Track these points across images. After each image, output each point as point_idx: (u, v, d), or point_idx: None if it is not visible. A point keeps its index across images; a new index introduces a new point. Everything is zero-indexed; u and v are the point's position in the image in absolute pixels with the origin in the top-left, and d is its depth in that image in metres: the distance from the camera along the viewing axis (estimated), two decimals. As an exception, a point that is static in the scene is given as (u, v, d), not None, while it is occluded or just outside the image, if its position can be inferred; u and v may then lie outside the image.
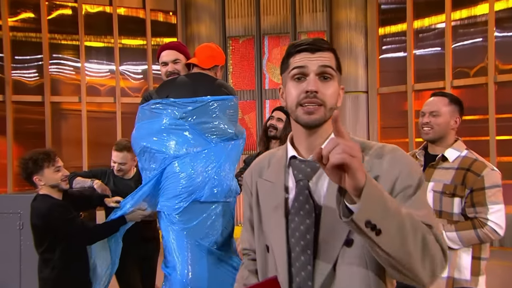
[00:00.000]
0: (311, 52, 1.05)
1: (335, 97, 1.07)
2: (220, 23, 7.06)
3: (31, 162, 2.36)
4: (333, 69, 1.06)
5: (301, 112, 1.05)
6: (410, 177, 0.99)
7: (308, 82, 1.03)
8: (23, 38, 6.35)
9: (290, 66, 1.08)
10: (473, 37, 6.01)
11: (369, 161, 1.03)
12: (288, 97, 1.08)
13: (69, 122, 6.67)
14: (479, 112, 5.95)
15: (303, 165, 1.09)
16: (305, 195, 1.05)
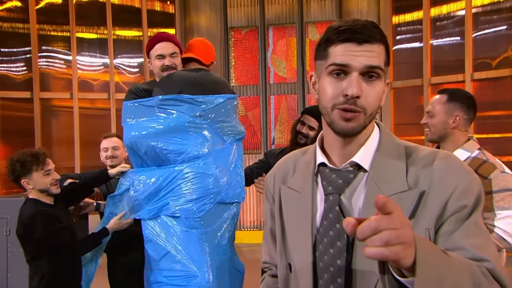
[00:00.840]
0: (358, 44, 0.89)
1: (379, 98, 0.94)
2: (221, 13, 6.85)
3: (19, 165, 2.29)
4: (381, 69, 0.91)
5: (338, 117, 0.92)
6: (467, 194, 0.88)
7: (350, 84, 0.89)
8: (10, 29, 6.17)
9: (329, 58, 0.92)
10: (496, 25, 5.72)
11: (415, 172, 0.91)
12: (323, 94, 0.95)
13: (60, 120, 6.49)
14: (502, 107, 5.73)
15: (334, 175, 0.98)
16: (336, 212, 0.94)
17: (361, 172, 0.95)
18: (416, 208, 0.88)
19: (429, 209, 0.88)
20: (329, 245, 0.94)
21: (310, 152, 1.08)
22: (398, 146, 0.97)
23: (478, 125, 5.74)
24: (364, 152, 0.96)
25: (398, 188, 0.90)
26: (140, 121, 2.17)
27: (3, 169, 6.20)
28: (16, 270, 3.15)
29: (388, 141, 0.98)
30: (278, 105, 6.88)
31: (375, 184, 0.92)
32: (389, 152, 0.96)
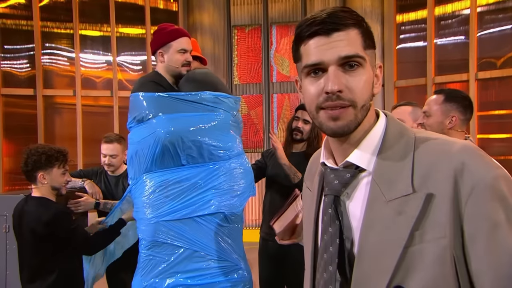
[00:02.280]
0: (326, 35, 0.82)
1: (369, 87, 0.84)
2: (224, 11, 6.81)
3: (44, 157, 2.28)
4: (359, 56, 0.82)
5: (325, 118, 0.84)
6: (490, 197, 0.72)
7: (327, 79, 0.81)
8: (13, 26, 6.13)
9: (302, 59, 0.86)
10: (501, 24, 5.65)
11: (424, 169, 0.79)
12: (306, 96, 0.88)
13: (63, 117, 6.46)
14: (506, 106, 5.67)
15: (332, 175, 0.90)
16: (329, 216, 0.88)
17: (363, 173, 0.86)
18: (422, 215, 0.76)
19: (441, 215, 0.75)
20: (323, 249, 0.88)
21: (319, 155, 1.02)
22: (406, 139, 0.84)
23: (482, 125, 5.70)
24: (362, 151, 0.86)
25: (402, 191, 0.79)
26: (180, 116, 2.08)
27: (6, 166, 6.23)
28: (15, 268, 2.97)
29: (395, 135, 0.86)
30: (280, 104, 6.85)
31: (378, 187, 0.82)
32: (394, 148, 0.84)
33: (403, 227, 0.77)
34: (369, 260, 0.80)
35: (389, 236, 0.78)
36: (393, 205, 0.79)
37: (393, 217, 0.79)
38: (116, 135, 3.03)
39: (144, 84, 2.19)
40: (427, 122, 2.08)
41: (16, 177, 6.11)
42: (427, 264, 0.75)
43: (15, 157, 6.13)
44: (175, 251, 2.02)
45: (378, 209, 0.80)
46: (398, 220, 0.78)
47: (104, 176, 3.03)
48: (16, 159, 6.13)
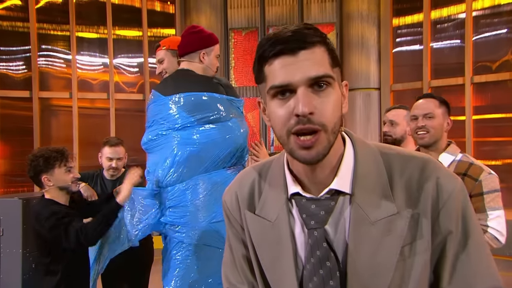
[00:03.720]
0: (292, 54, 0.78)
1: (338, 108, 0.81)
2: (221, 14, 6.80)
3: (42, 160, 2.27)
4: (328, 76, 0.78)
5: (296, 146, 0.79)
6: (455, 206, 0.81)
7: (297, 102, 0.77)
8: (9, 27, 6.13)
9: (267, 80, 0.81)
10: (496, 29, 5.70)
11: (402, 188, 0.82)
12: (274, 120, 0.82)
13: (59, 119, 6.45)
14: (502, 110, 5.69)
15: (314, 206, 0.84)
16: (324, 250, 0.83)
17: (341, 196, 0.84)
18: (409, 232, 0.79)
19: (423, 230, 0.80)
20: (320, 284, 0.84)
21: (276, 174, 0.92)
22: (375, 157, 0.85)
23: (477, 129, 5.72)
24: (342, 176, 0.84)
25: (387, 212, 0.80)
26: (238, 119, 2.16)
27: (2, 168, 6.20)
28: (9, 271, 3.03)
29: (365, 155, 0.86)
30: (277, 107, 6.85)
31: (361, 208, 0.81)
32: (368, 167, 0.84)
33: (393, 246, 0.79)
34: (361, 282, 0.80)
35: (379, 257, 0.79)
36: (379, 226, 0.80)
37: (381, 238, 0.79)
38: (118, 139, 3.03)
39: (208, 83, 2.18)
40: (431, 124, 2.03)
41: (12, 179, 6.09)
42: (415, 277, 0.79)
43: (11, 159, 6.10)
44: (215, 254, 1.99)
45: (364, 231, 0.80)
46: (387, 240, 0.79)
47: (101, 179, 3.02)
48: (12, 161, 6.11)
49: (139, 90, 6.57)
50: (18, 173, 6.10)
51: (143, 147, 2.21)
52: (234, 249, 0.99)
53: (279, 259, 0.87)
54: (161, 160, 2.07)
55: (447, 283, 0.81)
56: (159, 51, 2.43)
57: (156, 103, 2.14)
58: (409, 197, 0.81)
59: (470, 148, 5.66)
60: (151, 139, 2.13)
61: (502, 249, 5.67)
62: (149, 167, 2.17)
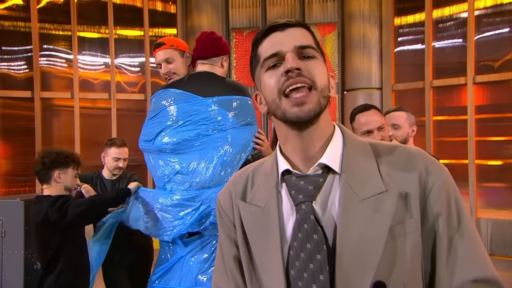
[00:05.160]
0: (281, 30, 0.87)
1: (325, 78, 0.86)
2: (223, 14, 6.80)
3: (62, 156, 2.37)
4: (313, 48, 0.86)
5: (289, 105, 0.83)
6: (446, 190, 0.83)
7: (285, 62, 0.84)
8: (11, 27, 6.13)
9: (260, 57, 0.88)
10: (498, 28, 5.68)
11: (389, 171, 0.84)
12: (267, 88, 0.87)
13: (61, 119, 6.44)
14: (504, 110, 5.69)
15: (303, 182, 0.86)
16: (311, 222, 0.83)
17: (330, 175, 0.86)
18: (397, 211, 0.80)
19: (412, 211, 0.82)
20: (307, 260, 0.82)
21: (269, 162, 0.95)
22: (363, 144, 0.89)
23: (479, 128, 5.70)
24: (331, 152, 0.86)
25: (376, 190, 0.82)
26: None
27: (3, 168, 6.21)
28: (11, 272, 3.07)
29: (353, 140, 0.90)
30: (279, 106, 6.85)
31: (350, 187, 0.83)
32: (357, 151, 0.87)
33: (382, 224, 0.80)
34: (351, 259, 0.80)
35: (369, 234, 0.79)
36: (368, 203, 0.81)
37: (370, 215, 0.80)
38: (121, 139, 3.11)
39: (244, 88, 2.31)
40: (384, 134, 2.14)
41: (14, 178, 6.10)
42: (406, 258, 0.80)
43: (12, 159, 6.11)
44: None
45: (354, 209, 0.81)
46: (376, 217, 0.80)
47: (100, 180, 3.05)
48: (13, 161, 6.12)
49: (140, 90, 6.56)
50: (20, 172, 6.11)
51: (167, 146, 2.14)
52: (225, 252, 0.99)
53: (267, 243, 0.88)
54: (204, 160, 2.07)
55: (444, 265, 0.82)
56: (166, 50, 2.35)
57: (191, 103, 2.13)
58: (397, 178, 0.83)
59: (472, 148, 5.64)
60: (187, 139, 2.09)
61: (502, 249, 5.73)
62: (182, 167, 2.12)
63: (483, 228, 5.51)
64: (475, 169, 5.63)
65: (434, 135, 5.97)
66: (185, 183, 2.09)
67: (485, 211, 5.66)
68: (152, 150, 2.21)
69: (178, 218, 2.10)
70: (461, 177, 5.60)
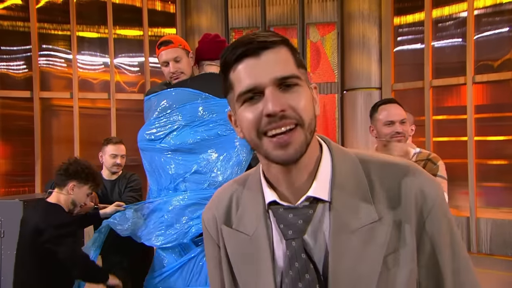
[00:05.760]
0: (256, 56, 0.75)
1: (311, 106, 0.77)
2: (222, 14, 6.78)
3: (87, 172, 2.37)
4: (295, 76, 0.75)
5: (271, 146, 0.75)
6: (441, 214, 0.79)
7: (266, 102, 0.73)
8: (10, 27, 6.09)
9: (234, 88, 0.78)
10: (498, 27, 5.66)
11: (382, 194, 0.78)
12: (243, 125, 0.78)
13: (60, 119, 6.42)
14: (503, 109, 5.67)
15: (291, 215, 0.80)
16: (303, 261, 0.78)
17: (320, 204, 0.80)
18: (392, 240, 0.76)
19: (408, 239, 0.76)
20: None
21: (253, 185, 0.88)
22: (353, 162, 0.82)
23: (479, 128, 5.70)
24: (320, 181, 0.80)
25: (368, 219, 0.77)
26: None
27: (3, 168, 6.19)
28: (10, 273, 3.03)
29: (343, 161, 0.82)
30: (278, 106, 6.83)
31: (341, 216, 0.77)
32: (347, 174, 0.80)
33: (375, 256, 0.75)
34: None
35: (362, 267, 0.75)
36: (360, 234, 0.76)
37: (362, 247, 0.76)
38: (117, 137, 3.12)
39: None
40: (406, 129, 2.18)
41: (13, 179, 6.08)
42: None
43: (12, 159, 6.09)
44: None
45: (345, 240, 0.76)
46: (369, 249, 0.76)
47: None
48: (13, 161, 6.10)
49: (140, 89, 6.55)
50: (19, 173, 6.10)
51: (184, 146, 2.12)
52: (212, 276, 0.95)
53: (257, 275, 0.82)
54: (223, 159, 2.08)
55: None
56: (175, 49, 2.32)
57: (209, 103, 2.14)
58: (390, 203, 0.77)
59: (471, 148, 5.63)
60: (205, 138, 2.10)
61: (502, 249, 5.72)
62: (201, 166, 2.12)
63: (483, 228, 5.51)
64: (475, 168, 5.62)
65: (433, 134, 5.96)
66: (203, 182, 2.09)
67: (484, 210, 5.65)
68: (157, 150, 2.19)
69: (194, 217, 2.09)
70: (461, 176, 5.60)
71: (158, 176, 2.23)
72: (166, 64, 2.28)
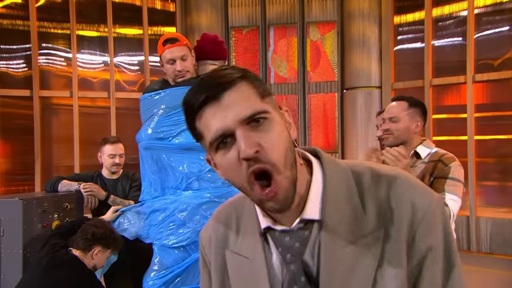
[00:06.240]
0: (217, 100, 0.74)
1: (284, 139, 0.76)
2: (222, 13, 6.78)
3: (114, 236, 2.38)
4: (261, 111, 0.74)
5: (263, 197, 0.75)
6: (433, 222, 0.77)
7: (239, 145, 0.72)
8: (10, 26, 6.08)
9: (203, 135, 0.77)
10: (498, 26, 5.67)
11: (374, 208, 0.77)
12: (228, 173, 0.77)
13: (60, 118, 6.42)
14: (503, 108, 5.69)
15: (288, 238, 0.81)
16: (302, 284, 0.78)
17: (315, 224, 0.80)
18: (383, 252, 0.75)
19: (399, 250, 0.75)
20: None
21: (250, 208, 0.87)
22: (345, 177, 0.81)
23: (479, 127, 5.70)
24: (311, 203, 0.79)
25: (359, 233, 0.76)
26: None
27: (2, 167, 6.19)
28: (9, 272, 2.99)
29: (335, 177, 0.81)
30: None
31: (332, 232, 0.77)
32: (339, 191, 0.80)
33: (366, 269, 0.75)
34: None
35: (353, 281, 0.75)
36: (351, 248, 0.76)
37: (354, 260, 0.76)
38: (115, 136, 3.13)
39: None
40: (395, 127, 2.15)
41: (13, 177, 6.08)
42: None
43: (11, 158, 6.10)
44: None
45: (336, 254, 0.76)
46: (360, 263, 0.75)
47: (101, 179, 3.05)
48: (12, 160, 6.10)
49: (139, 88, 6.54)
50: (19, 171, 6.10)
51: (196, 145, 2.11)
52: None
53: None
54: None
55: None
56: (182, 47, 2.31)
57: None
58: (381, 217, 0.77)
59: (471, 147, 5.63)
60: None
61: (502, 248, 5.74)
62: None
63: (483, 227, 5.51)
64: (475, 167, 5.62)
65: (433, 133, 5.95)
66: (217, 180, 2.08)
67: (484, 209, 5.66)
68: (167, 148, 2.16)
69: (208, 216, 2.08)
70: (461, 175, 5.61)
71: (165, 175, 2.20)
72: (172, 62, 2.25)
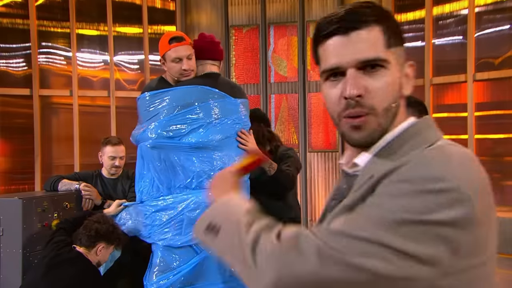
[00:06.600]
0: (343, 35, 0.76)
1: (393, 90, 0.78)
2: (222, 11, 6.77)
3: (117, 232, 2.39)
4: (381, 59, 0.76)
5: (347, 127, 0.80)
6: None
7: (346, 84, 0.76)
8: (9, 24, 6.07)
9: (321, 63, 0.82)
10: (499, 25, 5.64)
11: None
12: (327, 102, 0.83)
13: (60, 117, 6.42)
14: (504, 107, 5.66)
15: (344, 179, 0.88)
16: None
17: None
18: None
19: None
20: None
21: None
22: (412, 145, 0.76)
23: (480, 126, 5.69)
24: (368, 152, 0.81)
25: (363, 180, 0.76)
26: None
27: (2, 166, 6.18)
28: (9, 271, 3.03)
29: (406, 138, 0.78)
30: (278, 104, 6.82)
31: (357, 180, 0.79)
32: (393, 150, 0.78)
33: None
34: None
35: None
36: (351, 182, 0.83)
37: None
38: (118, 138, 3.13)
39: None
40: None
41: (13, 176, 6.08)
42: None
43: (11, 157, 6.10)
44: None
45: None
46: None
47: (100, 179, 3.05)
48: (12, 159, 6.10)
49: (139, 87, 6.54)
50: (19, 170, 6.10)
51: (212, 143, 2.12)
52: None
53: None
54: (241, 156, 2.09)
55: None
56: (187, 46, 2.33)
57: (226, 102, 2.20)
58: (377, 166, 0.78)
59: (472, 145, 5.63)
60: (228, 136, 2.16)
61: (503, 247, 5.80)
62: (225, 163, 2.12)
63: (483, 226, 5.51)
64: (475, 166, 5.62)
65: (434, 132, 5.96)
66: None
67: (485, 208, 5.66)
68: (177, 147, 2.17)
69: None
70: (461, 174, 5.60)
71: (172, 174, 2.20)
72: (178, 60, 2.27)
